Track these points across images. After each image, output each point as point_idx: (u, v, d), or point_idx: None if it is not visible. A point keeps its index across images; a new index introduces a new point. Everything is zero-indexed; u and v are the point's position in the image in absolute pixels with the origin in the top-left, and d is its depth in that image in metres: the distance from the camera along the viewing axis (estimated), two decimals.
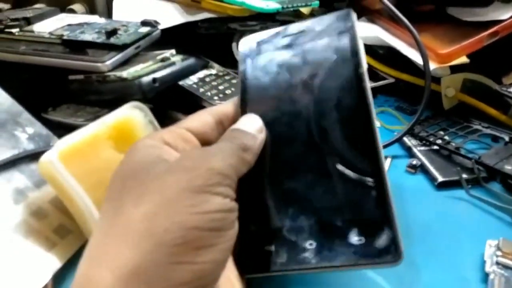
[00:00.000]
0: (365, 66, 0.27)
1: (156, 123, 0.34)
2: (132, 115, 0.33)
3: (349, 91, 0.26)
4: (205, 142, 0.27)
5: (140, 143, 0.25)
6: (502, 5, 0.44)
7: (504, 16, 0.44)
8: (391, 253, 0.21)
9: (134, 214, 0.20)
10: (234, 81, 0.47)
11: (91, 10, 0.57)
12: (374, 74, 0.56)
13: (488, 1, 0.45)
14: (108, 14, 0.58)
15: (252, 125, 0.27)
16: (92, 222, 0.29)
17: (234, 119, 0.28)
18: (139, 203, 0.20)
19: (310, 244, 0.23)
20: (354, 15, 0.29)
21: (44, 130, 0.39)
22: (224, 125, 0.28)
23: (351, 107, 0.26)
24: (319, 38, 0.29)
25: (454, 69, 0.49)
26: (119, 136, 0.32)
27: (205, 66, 0.48)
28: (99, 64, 0.39)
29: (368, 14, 0.58)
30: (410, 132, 0.44)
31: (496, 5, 0.45)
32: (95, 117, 0.41)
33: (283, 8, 0.47)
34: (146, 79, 0.38)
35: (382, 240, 0.21)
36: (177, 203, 0.20)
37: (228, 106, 0.29)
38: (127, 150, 0.25)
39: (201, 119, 0.28)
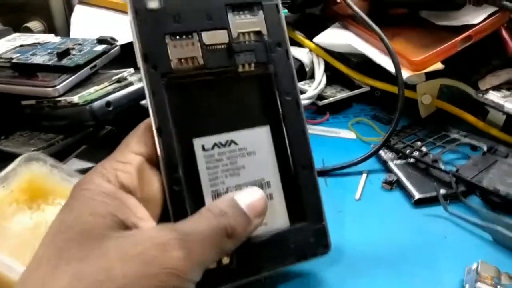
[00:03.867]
0: None
1: (58, 163, 0.33)
2: (31, 169, 0.32)
3: None
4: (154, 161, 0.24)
5: (91, 187, 0.21)
6: (474, 9, 0.42)
7: (476, 20, 0.42)
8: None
9: None
10: None
11: (50, 27, 0.54)
12: (349, 83, 0.54)
13: (459, 4, 0.43)
14: (68, 29, 0.55)
15: (251, 204, 0.22)
16: None
17: None
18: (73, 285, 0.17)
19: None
20: None
21: None
22: None
23: None
24: None
25: (430, 75, 0.47)
26: (26, 196, 0.31)
27: None
28: (49, 89, 0.37)
29: (341, 20, 0.55)
30: (386, 145, 0.42)
31: (468, 8, 0.43)
32: (49, 145, 0.39)
33: None
34: (99, 103, 0.36)
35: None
36: None
37: None
38: (71, 196, 0.21)
39: (146, 140, 0.23)
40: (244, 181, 0.24)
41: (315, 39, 0.54)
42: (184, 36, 0.23)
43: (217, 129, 0.24)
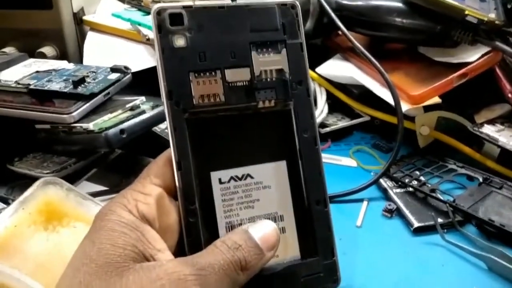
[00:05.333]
0: None
1: (74, 187, 0.34)
2: (48, 193, 0.33)
3: None
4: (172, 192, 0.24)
5: (112, 218, 0.21)
6: (470, 48, 0.45)
7: (472, 58, 0.45)
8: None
9: None
10: None
11: (63, 53, 0.56)
12: (349, 112, 0.56)
13: (454, 43, 0.46)
14: (80, 55, 0.57)
15: (264, 237, 0.23)
16: None
17: None
18: None
19: None
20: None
21: None
22: None
23: None
24: None
25: (428, 107, 0.49)
26: (43, 218, 0.32)
27: None
28: (65, 116, 0.38)
29: (342, 51, 0.58)
30: (386, 174, 0.44)
31: (464, 47, 0.46)
32: (62, 168, 0.40)
33: None
34: (113, 130, 0.37)
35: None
36: None
37: None
38: (93, 227, 0.22)
39: (166, 172, 0.24)
40: (258, 214, 0.25)
41: (318, 70, 0.56)
42: (207, 73, 0.24)
43: (235, 163, 0.25)
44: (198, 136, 0.24)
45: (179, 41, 0.24)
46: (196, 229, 0.23)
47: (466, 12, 0.45)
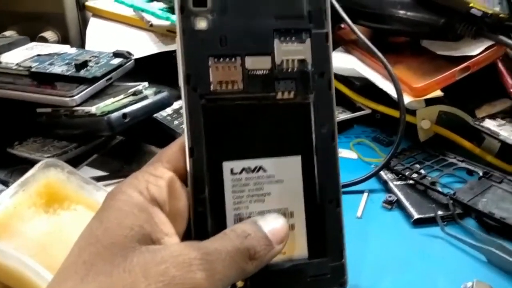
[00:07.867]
0: None
1: (75, 170, 0.34)
2: (49, 175, 0.33)
3: None
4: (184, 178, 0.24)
5: (122, 198, 0.21)
6: (472, 41, 0.45)
7: (474, 52, 0.45)
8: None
9: None
10: None
11: (64, 38, 0.56)
12: (350, 105, 0.56)
13: (457, 36, 0.46)
14: (82, 41, 0.57)
15: (274, 230, 0.22)
16: None
17: None
18: None
19: None
20: None
21: None
22: None
23: None
24: None
25: (429, 101, 0.49)
26: (43, 200, 0.32)
27: (180, 97, 0.47)
28: (67, 99, 0.38)
29: (345, 44, 0.58)
30: (386, 166, 0.44)
31: (467, 40, 0.46)
32: (62, 152, 0.40)
33: None
34: (116, 114, 0.37)
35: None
36: None
37: None
38: (102, 206, 0.21)
39: (179, 157, 0.24)
40: (267, 208, 0.24)
41: None
42: (227, 59, 0.23)
43: (248, 154, 0.24)
44: (213, 124, 0.23)
45: (201, 23, 0.23)
46: (204, 219, 0.23)
47: (471, 5, 0.44)
